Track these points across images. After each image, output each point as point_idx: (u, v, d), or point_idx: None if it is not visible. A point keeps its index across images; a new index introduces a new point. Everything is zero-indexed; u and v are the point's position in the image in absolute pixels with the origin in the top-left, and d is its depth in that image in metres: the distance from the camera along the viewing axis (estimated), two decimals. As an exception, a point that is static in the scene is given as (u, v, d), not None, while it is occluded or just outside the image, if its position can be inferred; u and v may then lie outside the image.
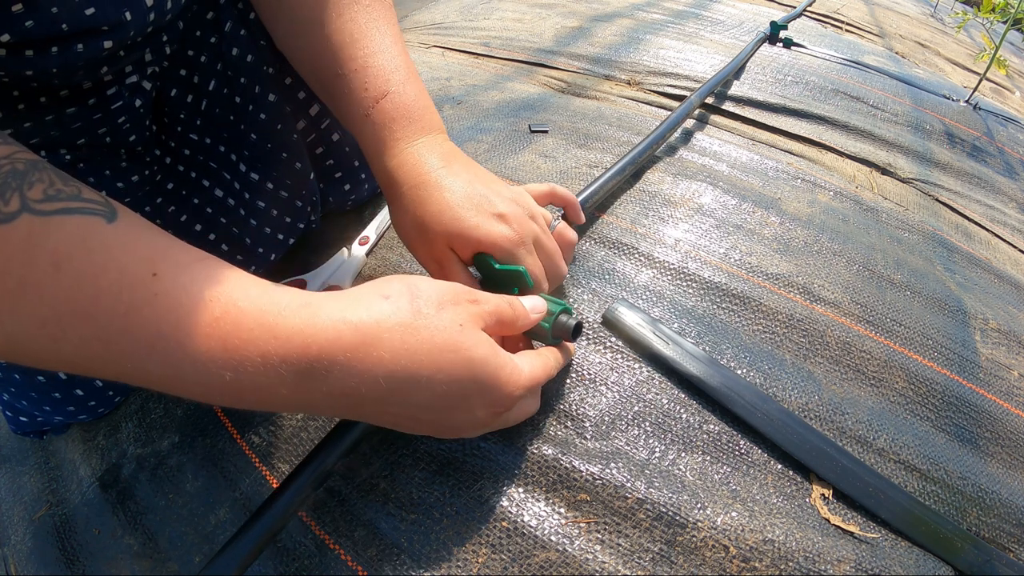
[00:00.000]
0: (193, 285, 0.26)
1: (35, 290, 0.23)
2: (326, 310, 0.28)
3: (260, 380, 0.26)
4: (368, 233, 0.56)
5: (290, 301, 0.27)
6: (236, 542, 0.30)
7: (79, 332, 0.23)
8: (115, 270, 0.24)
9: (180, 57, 0.45)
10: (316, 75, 0.43)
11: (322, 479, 0.34)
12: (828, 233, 0.59)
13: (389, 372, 0.28)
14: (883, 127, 0.85)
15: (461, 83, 0.88)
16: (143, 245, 0.26)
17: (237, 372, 0.25)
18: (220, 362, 0.25)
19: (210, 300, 0.26)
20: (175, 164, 0.49)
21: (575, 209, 0.48)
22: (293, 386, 0.26)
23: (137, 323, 0.24)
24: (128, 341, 0.24)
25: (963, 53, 1.51)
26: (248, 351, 0.25)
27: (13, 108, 0.36)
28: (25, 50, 0.32)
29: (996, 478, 0.40)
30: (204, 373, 0.25)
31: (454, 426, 0.32)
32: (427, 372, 0.28)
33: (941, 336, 0.50)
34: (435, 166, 0.39)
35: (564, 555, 0.33)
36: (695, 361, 0.42)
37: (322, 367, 0.26)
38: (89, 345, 0.24)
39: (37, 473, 0.48)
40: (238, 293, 0.26)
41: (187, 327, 0.25)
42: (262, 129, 0.47)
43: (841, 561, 0.33)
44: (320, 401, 0.28)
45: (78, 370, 0.25)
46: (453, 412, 0.30)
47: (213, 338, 0.25)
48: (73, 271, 0.23)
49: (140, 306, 0.24)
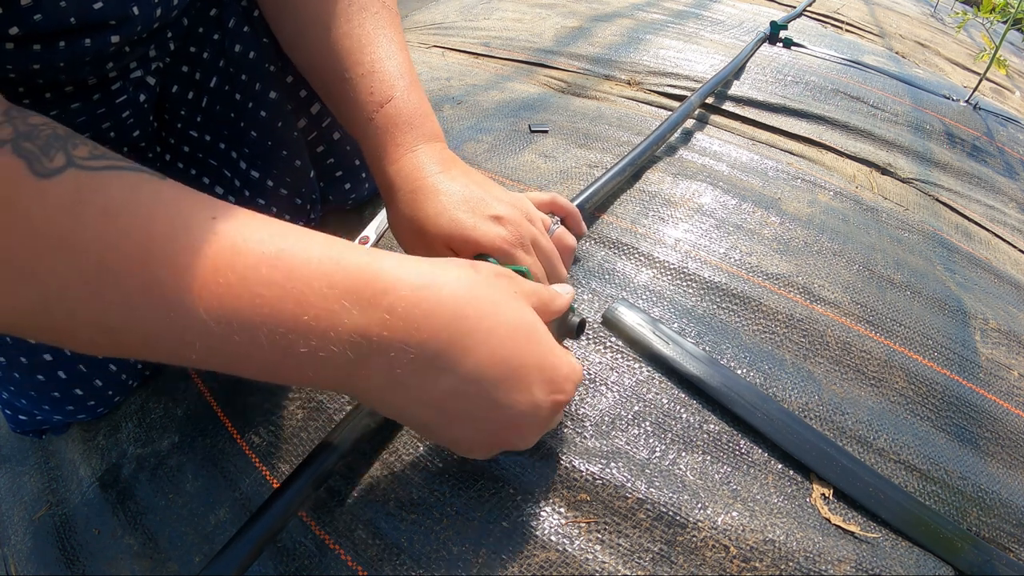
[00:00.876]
0: (252, 224, 0.25)
1: (81, 243, 0.21)
2: (389, 257, 0.27)
3: (321, 317, 0.24)
4: (368, 233, 0.56)
5: (348, 244, 0.27)
6: (236, 542, 0.30)
7: (126, 284, 0.22)
8: (169, 216, 0.23)
9: (183, 53, 0.45)
10: (321, 77, 0.43)
11: (323, 479, 0.34)
12: (828, 233, 0.59)
13: (451, 316, 0.26)
14: (883, 127, 0.85)
15: (461, 83, 0.88)
16: (197, 197, 0.25)
17: (300, 304, 0.24)
18: (280, 292, 0.23)
19: (270, 236, 0.24)
20: (175, 161, 0.49)
21: (576, 220, 0.48)
22: (353, 327, 0.24)
23: (191, 264, 0.22)
24: (178, 285, 0.22)
25: (963, 53, 1.51)
26: (313, 282, 0.24)
27: (18, 103, 0.36)
28: (33, 44, 0.32)
29: (996, 478, 0.40)
30: (262, 311, 0.23)
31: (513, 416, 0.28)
32: (487, 324, 0.27)
33: (941, 336, 0.50)
34: (433, 171, 0.39)
35: (564, 555, 0.33)
36: (695, 361, 0.42)
37: (386, 302, 0.25)
38: (134, 299, 0.22)
39: (37, 473, 0.48)
40: (297, 232, 0.26)
41: (250, 259, 0.23)
42: (263, 127, 0.47)
43: (841, 561, 0.33)
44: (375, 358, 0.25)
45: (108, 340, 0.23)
46: (510, 388, 0.27)
47: (277, 268, 0.24)
48: (125, 221, 0.22)
49: (199, 245, 0.23)
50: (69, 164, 0.22)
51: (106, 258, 0.22)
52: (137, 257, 0.22)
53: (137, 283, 0.22)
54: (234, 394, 0.45)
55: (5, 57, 0.32)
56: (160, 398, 0.48)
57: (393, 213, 0.41)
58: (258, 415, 0.43)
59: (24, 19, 0.30)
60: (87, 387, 0.45)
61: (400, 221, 0.40)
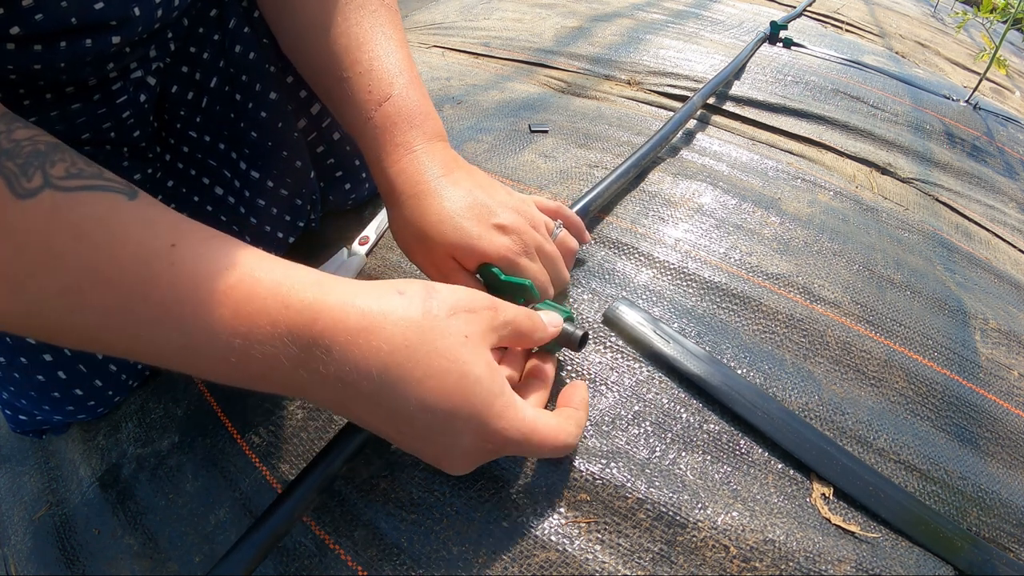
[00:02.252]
0: (211, 255, 0.26)
1: (57, 260, 0.23)
2: (337, 291, 0.28)
3: (267, 349, 0.26)
4: (368, 233, 0.56)
5: (304, 277, 0.28)
6: (240, 547, 0.30)
7: (98, 300, 0.24)
8: (135, 241, 0.25)
9: (183, 54, 0.45)
10: (320, 77, 0.42)
11: (328, 483, 0.34)
12: (828, 233, 0.59)
13: (383, 365, 0.27)
14: (883, 127, 0.85)
15: (461, 83, 0.88)
16: (162, 220, 0.26)
17: (247, 339, 0.26)
18: (231, 328, 0.25)
19: (227, 268, 0.26)
20: (175, 161, 0.49)
21: (579, 230, 0.48)
22: (295, 360, 0.26)
23: (155, 290, 0.25)
24: (145, 308, 0.25)
25: (963, 53, 1.51)
26: (259, 319, 0.26)
27: (18, 103, 0.36)
28: (34, 44, 0.32)
29: (996, 478, 0.40)
30: (215, 338, 0.25)
31: (437, 449, 0.29)
32: (419, 374, 0.27)
33: (941, 336, 0.50)
34: (436, 174, 0.38)
35: (564, 555, 0.33)
36: (696, 360, 0.42)
37: (324, 344, 0.26)
38: (107, 314, 0.24)
39: (37, 473, 0.48)
40: (254, 264, 0.27)
41: (203, 292, 0.25)
42: (263, 127, 0.47)
43: (841, 561, 0.33)
44: (316, 384, 0.27)
45: (90, 342, 0.26)
46: (436, 431, 0.28)
47: (227, 304, 0.25)
48: (95, 241, 0.24)
49: (159, 273, 0.25)
50: (45, 184, 0.24)
51: (80, 278, 0.24)
52: (107, 280, 0.24)
53: (108, 301, 0.24)
54: (234, 394, 0.45)
55: (6, 57, 0.32)
56: (160, 398, 0.48)
57: (394, 217, 0.40)
58: (258, 415, 0.43)
59: (25, 19, 0.30)
60: (87, 387, 0.45)
61: (401, 226, 0.39)
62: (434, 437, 0.29)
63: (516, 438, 0.30)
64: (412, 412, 0.28)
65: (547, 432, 0.31)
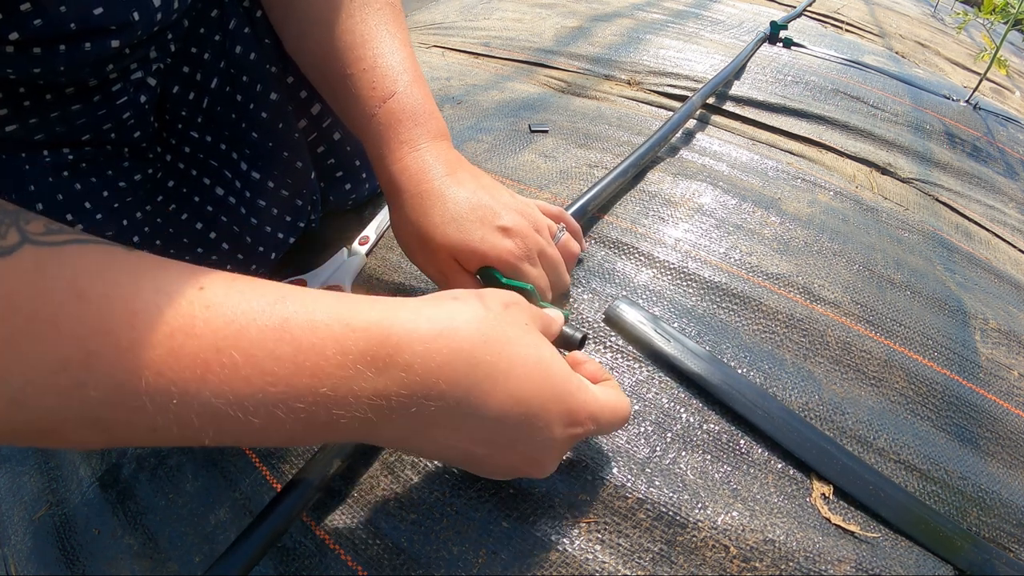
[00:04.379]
0: (249, 291, 0.23)
1: (51, 328, 0.19)
2: (398, 304, 0.26)
3: (338, 387, 0.23)
4: (368, 233, 0.56)
5: (359, 300, 0.25)
6: (238, 546, 0.30)
7: (112, 371, 0.19)
8: (152, 289, 0.21)
9: (184, 54, 0.45)
10: (324, 75, 0.42)
11: (327, 481, 0.34)
12: (828, 233, 0.59)
13: (468, 366, 0.25)
14: (883, 127, 0.85)
15: (461, 83, 0.88)
16: (176, 266, 0.22)
17: (314, 379, 0.22)
18: (291, 367, 0.22)
19: (274, 302, 0.22)
20: (176, 162, 0.49)
21: (578, 236, 0.48)
22: (371, 390, 0.23)
23: (188, 343, 0.20)
24: (177, 367, 0.20)
25: (963, 53, 1.51)
26: (327, 349, 0.22)
27: (19, 104, 0.36)
28: (33, 48, 0.32)
29: (996, 478, 0.40)
30: (274, 386, 0.21)
31: (532, 449, 0.28)
32: (504, 366, 0.26)
33: (941, 336, 0.50)
34: (439, 173, 0.38)
35: (564, 555, 0.33)
36: (696, 358, 0.42)
37: (403, 360, 0.24)
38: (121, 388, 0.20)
39: (37, 473, 0.48)
40: (298, 294, 0.24)
41: (252, 334, 0.21)
42: (263, 127, 0.47)
43: (842, 561, 0.33)
44: (395, 413, 0.24)
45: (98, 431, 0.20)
46: (527, 427, 0.27)
47: (284, 341, 0.21)
48: (101, 297, 0.20)
49: (190, 323, 0.21)
50: (24, 240, 0.19)
51: (87, 343, 0.19)
52: (123, 341, 0.19)
53: (127, 368, 0.19)
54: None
55: (5, 60, 0.32)
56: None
57: (396, 216, 0.40)
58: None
59: (24, 24, 0.30)
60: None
61: (403, 225, 0.39)
62: (528, 435, 0.27)
63: (596, 412, 0.30)
64: (504, 412, 0.26)
65: (616, 404, 0.31)
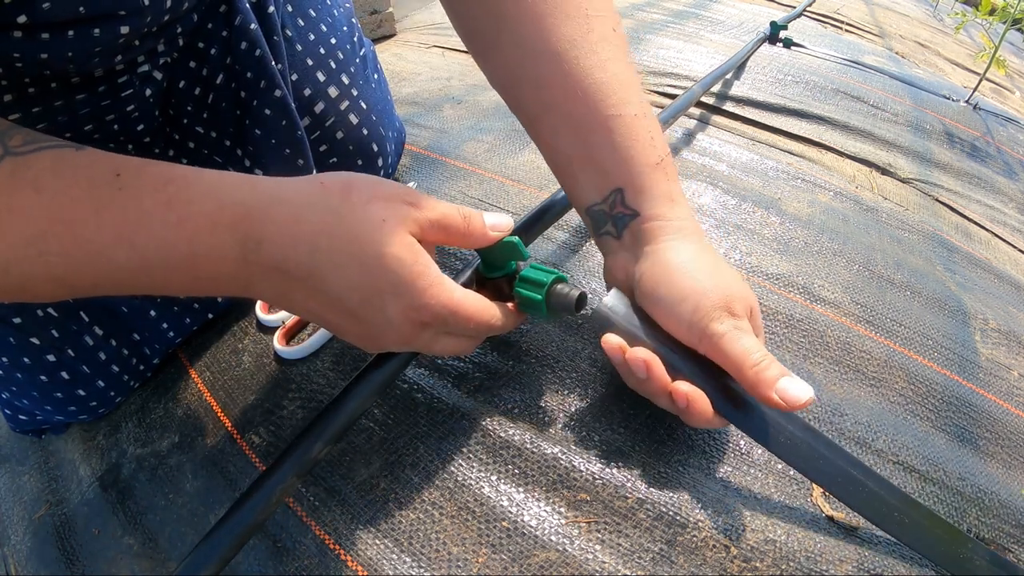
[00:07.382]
0: (151, 174, 0.29)
1: (20, 213, 0.26)
2: (265, 187, 0.30)
3: (211, 250, 0.29)
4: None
5: (235, 179, 0.30)
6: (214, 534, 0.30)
7: (61, 242, 0.26)
8: (84, 179, 0.27)
9: (191, 49, 0.45)
10: (567, 109, 0.37)
11: (308, 466, 0.33)
12: (828, 233, 0.59)
13: (310, 249, 0.30)
14: (883, 127, 0.85)
15: (461, 83, 0.88)
16: (105, 158, 0.29)
17: (191, 243, 0.28)
18: (176, 233, 0.28)
19: (167, 182, 0.29)
20: (179, 157, 0.49)
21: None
22: (236, 257, 0.29)
23: (106, 213, 0.27)
24: (101, 236, 0.27)
25: (963, 53, 1.51)
26: (199, 221, 0.28)
27: (23, 91, 0.36)
28: (41, 33, 0.32)
29: (995, 478, 0.40)
30: (165, 248, 0.28)
31: (372, 329, 0.32)
32: (342, 257, 0.30)
33: (941, 336, 0.50)
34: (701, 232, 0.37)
35: (564, 555, 0.33)
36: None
37: (256, 236, 0.29)
38: (70, 254, 0.27)
39: (37, 473, 0.48)
40: (191, 175, 0.30)
41: (148, 207, 0.28)
42: (267, 125, 0.47)
43: (843, 561, 0.33)
44: (259, 276, 0.30)
45: (58, 284, 0.28)
46: (366, 309, 0.31)
47: (171, 211, 0.28)
48: (50, 189, 0.27)
49: (108, 203, 0.27)
50: (6, 153, 0.26)
51: (43, 224, 0.26)
52: (66, 220, 0.27)
53: (69, 241, 0.27)
54: (234, 394, 0.45)
55: (13, 45, 0.32)
56: (160, 398, 0.48)
57: (647, 253, 0.36)
58: (258, 415, 0.43)
59: (34, 7, 0.30)
60: (90, 388, 0.45)
61: (650, 265, 0.36)
62: (366, 315, 0.31)
63: (441, 312, 0.32)
64: (342, 292, 0.30)
65: (473, 308, 0.33)
